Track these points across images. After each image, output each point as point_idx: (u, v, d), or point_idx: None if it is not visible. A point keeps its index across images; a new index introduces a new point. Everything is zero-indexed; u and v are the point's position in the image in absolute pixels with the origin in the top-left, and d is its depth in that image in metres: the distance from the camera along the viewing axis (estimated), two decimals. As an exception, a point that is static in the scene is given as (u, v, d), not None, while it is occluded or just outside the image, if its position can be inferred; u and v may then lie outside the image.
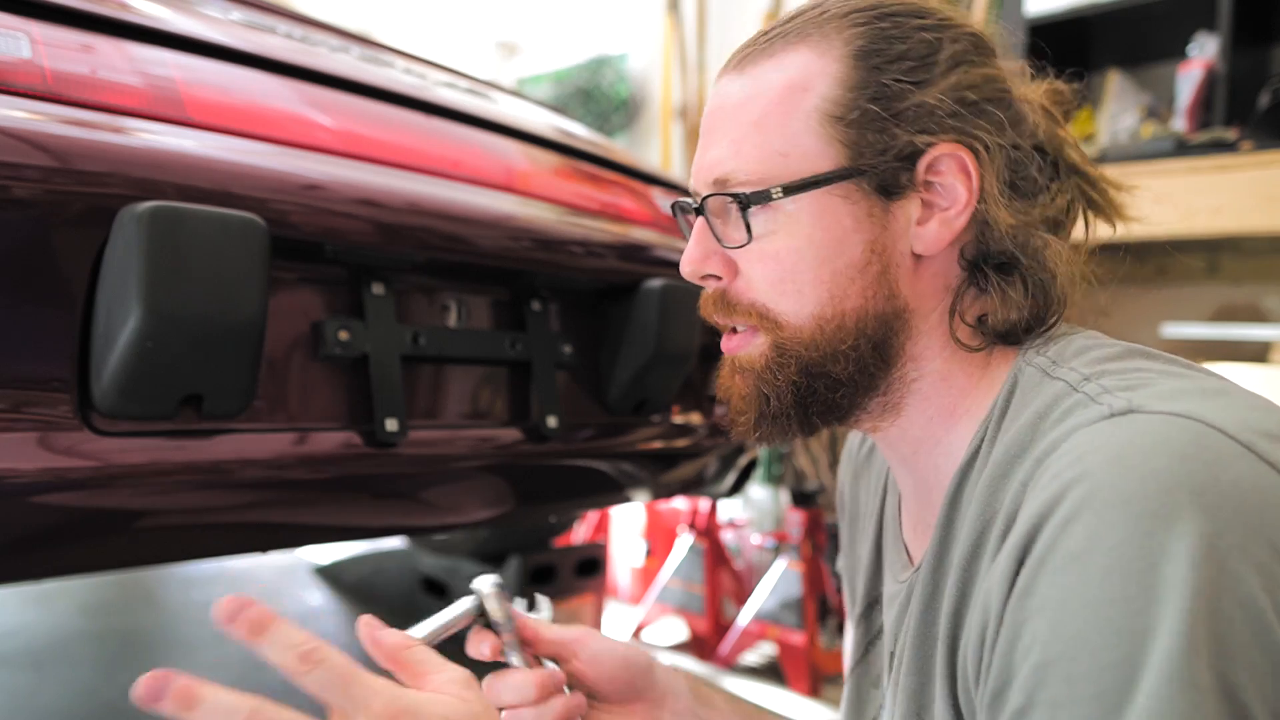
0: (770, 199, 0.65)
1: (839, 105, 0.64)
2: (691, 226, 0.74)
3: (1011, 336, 0.66)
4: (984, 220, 0.65)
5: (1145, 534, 0.47)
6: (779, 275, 0.66)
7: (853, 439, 0.95)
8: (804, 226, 0.65)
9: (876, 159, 0.64)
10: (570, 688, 0.71)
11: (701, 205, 0.68)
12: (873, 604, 0.82)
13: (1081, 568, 0.48)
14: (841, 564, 0.97)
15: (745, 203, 0.65)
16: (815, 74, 0.65)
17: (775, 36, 0.67)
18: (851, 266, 0.65)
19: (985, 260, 0.67)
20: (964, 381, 0.67)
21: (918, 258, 0.66)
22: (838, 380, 0.67)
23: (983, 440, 0.64)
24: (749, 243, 0.66)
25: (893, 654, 0.71)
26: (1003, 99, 0.66)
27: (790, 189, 0.65)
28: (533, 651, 0.71)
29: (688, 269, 0.70)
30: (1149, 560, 0.47)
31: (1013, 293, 0.65)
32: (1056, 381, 0.61)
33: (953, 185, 0.64)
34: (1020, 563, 0.52)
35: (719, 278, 0.69)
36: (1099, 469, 0.50)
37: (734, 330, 0.70)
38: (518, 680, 0.67)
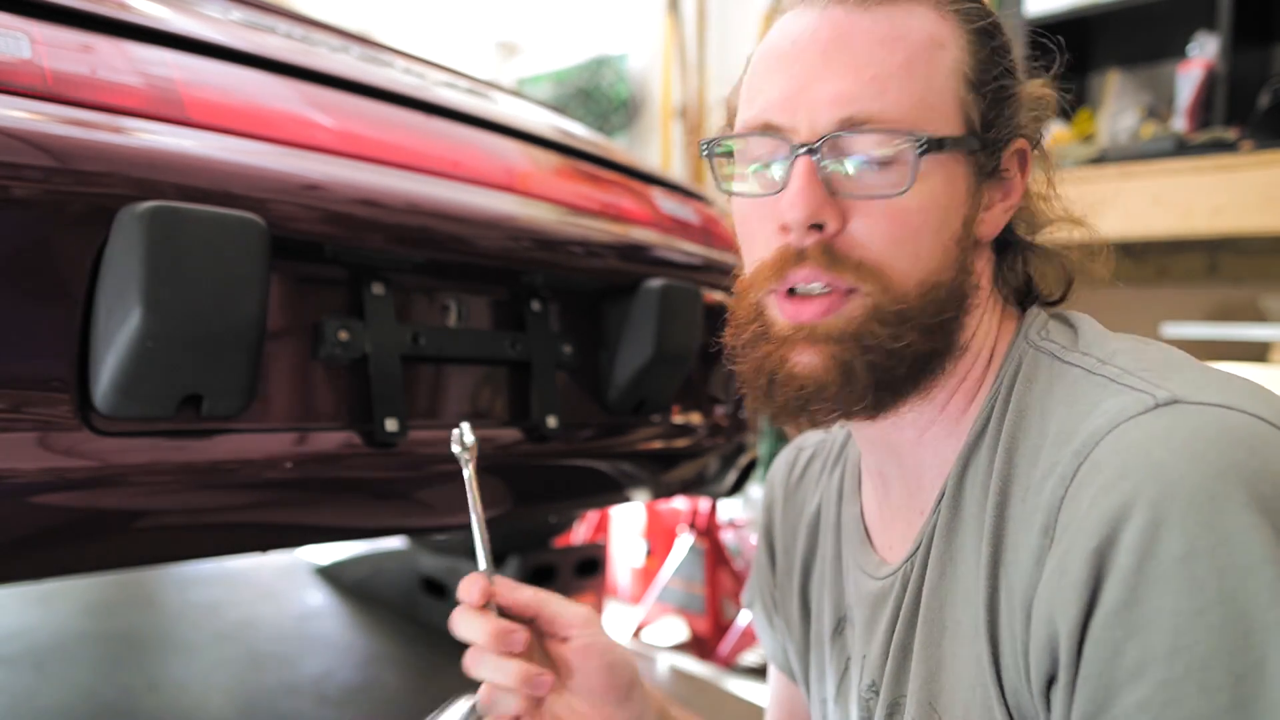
0: (944, 148, 0.60)
1: (975, 72, 0.63)
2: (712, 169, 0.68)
3: (1028, 300, 0.70)
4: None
5: (1246, 528, 0.47)
6: (902, 233, 0.61)
7: (778, 472, 0.93)
8: (933, 186, 0.61)
9: (992, 136, 0.64)
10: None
11: (819, 145, 0.60)
12: (841, 619, 0.79)
13: (1188, 573, 0.47)
14: (761, 598, 0.94)
15: (925, 148, 0.59)
16: (948, 34, 0.63)
17: None
18: (954, 238, 0.63)
19: (1014, 245, 0.70)
20: (983, 363, 0.68)
21: (977, 241, 0.67)
22: (932, 352, 0.63)
23: (988, 421, 0.64)
24: (907, 189, 0.60)
25: (888, 650, 0.69)
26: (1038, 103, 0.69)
27: (960, 143, 0.61)
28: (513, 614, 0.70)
29: (801, 214, 0.60)
30: (1256, 555, 0.46)
31: (1048, 269, 0.70)
32: (1071, 367, 0.61)
33: (1014, 178, 0.67)
34: (1099, 571, 0.50)
35: (821, 228, 0.61)
36: (1170, 466, 0.49)
37: (791, 293, 0.63)
38: (479, 622, 0.67)
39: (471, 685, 0.70)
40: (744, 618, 2.36)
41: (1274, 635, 0.45)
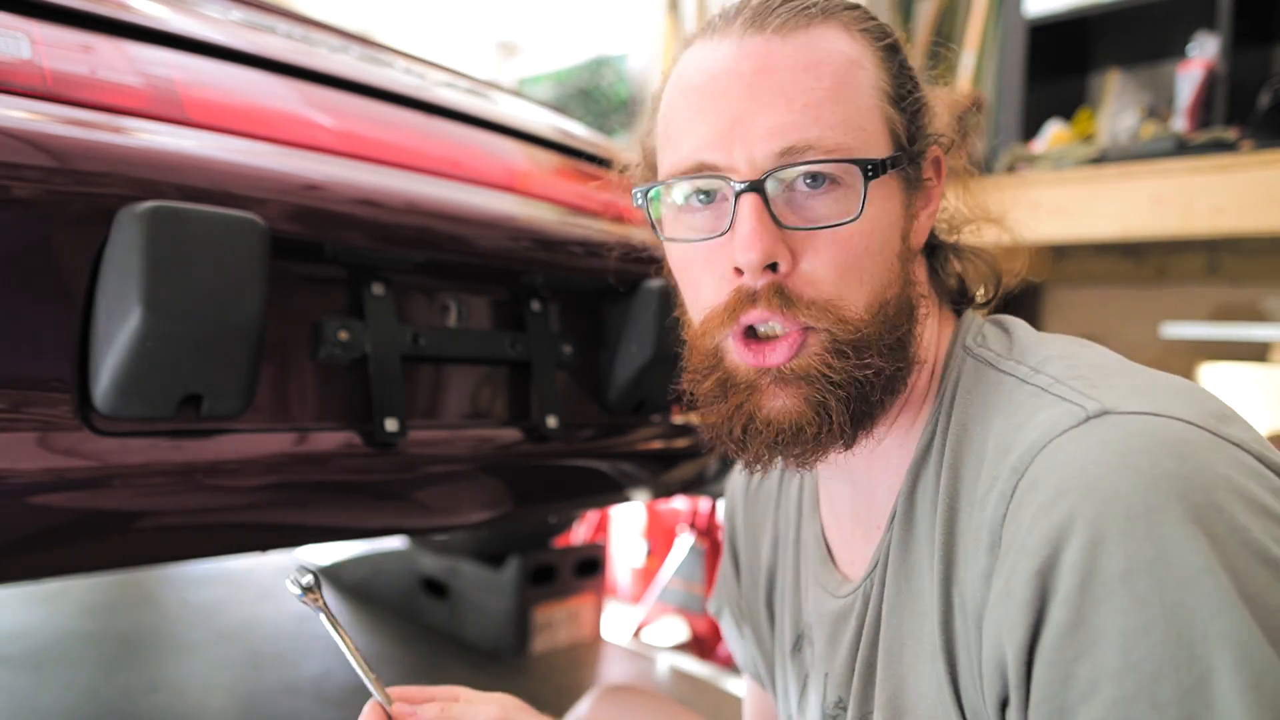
0: (885, 170, 0.60)
1: (892, 87, 0.63)
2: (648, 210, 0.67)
3: (962, 302, 0.71)
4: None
5: (1184, 538, 0.47)
6: (849, 261, 0.60)
7: (737, 482, 0.93)
8: (875, 209, 0.61)
9: (913, 148, 0.64)
10: None
11: (763, 180, 0.59)
12: (800, 637, 0.79)
13: (1131, 590, 0.47)
14: (729, 607, 0.94)
15: (873, 173, 0.59)
16: (860, 53, 0.62)
17: (799, 10, 0.62)
18: (894, 254, 0.63)
19: (938, 245, 0.72)
20: (926, 371, 0.68)
21: (912, 251, 0.67)
22: (896, 372, 0.63)
23: (934, 434, 0.64)
24: (859, 216, 0.59)
25: (853, 667, 0.69)
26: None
27: (895, 162, 0.61)
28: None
29: (757, 255, 0.58)
30: (1195, 565, 0.46)
31: (971, 266, 0.71)
32: (1005, 376, 0.61)
33: (933, 183, 0.68)
34: (1043, 592, 0.49)
35: (775, 268, 0.60)
36: (1105, 481, 0.49)
37: (752, 337, 0.62)
38: None
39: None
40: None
41: (1217, 646, 0.45)
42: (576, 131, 1.52)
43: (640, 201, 0.67)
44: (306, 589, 0.67)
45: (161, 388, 0.80)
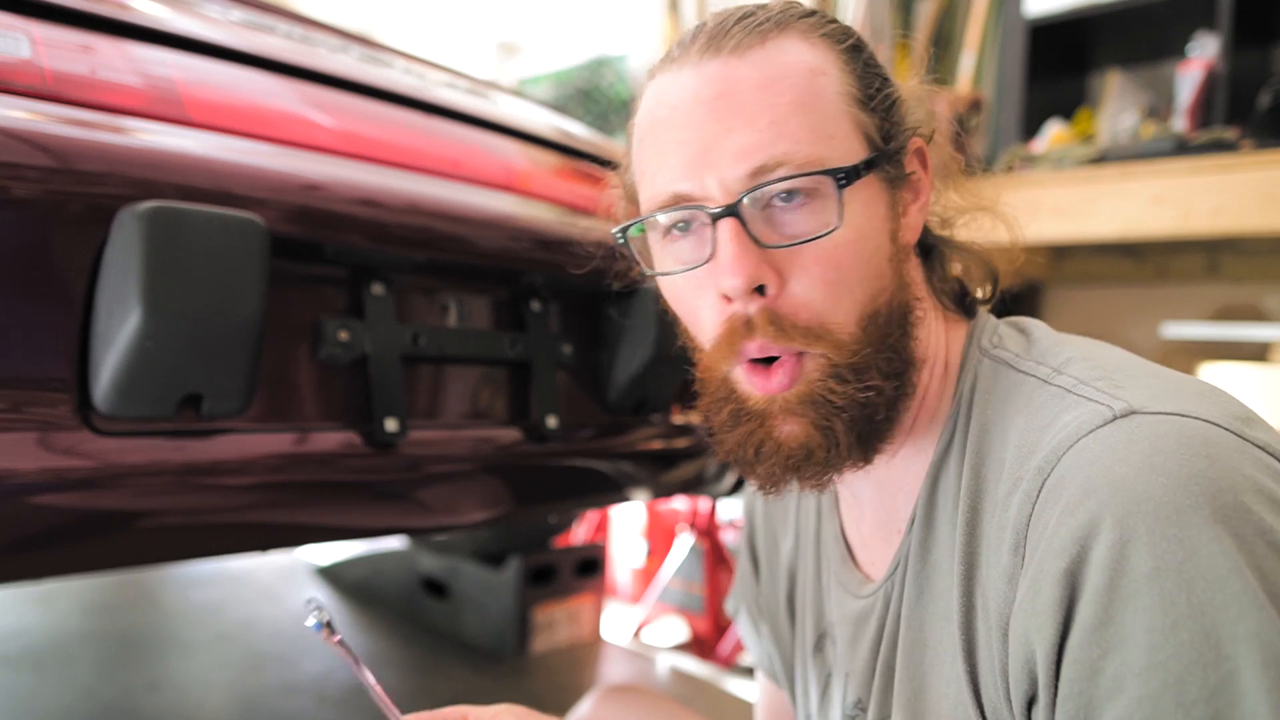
0: (860, 175, 0.59)
1: (857, 89, 0.62)
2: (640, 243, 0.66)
3: (966, 301, 0.70)
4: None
5: (1211, 539, 0.47)
6: (836, 275, 0.60)
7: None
8: (855, 216, 0.60)
9: (890, 146, 0.63)
10: None
11: (738, 204, 0.58)
12: (822, 636, 0.79)
13: (1159, 589, 0.47)
14: (746, 605, 0.94)
15: (844, 180, 0.58)
16: (822, 59, 0.61)
17: (753, 26, 0.61)
18: (882, 258, 0.63)
19: (934, 243, 0.71)
20: (939, 374, 0.67)
21: (903, 250, 0.66)
22: (899, 387, 0.63)
23: (953, 435, 0.64)
24: (838, 227, 0.59)
25: (873, 668, 0.69)
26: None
27: (870, 165, 0.60)
28: None
29: (742, 280, 0.58)
30: (1223, 566, 0.46)
31: (966, 263, 0.70)
32: (1026, 377, 0.61)
33: (919, 176, 0.67)
34: (1072, 590, 0.50)
35: (763, 290, 0.59)
36: (1133, 481, 0.49)
37: (756, 363, 0.62)
38: None
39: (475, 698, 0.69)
40: (744, 618, 2.36)
41: (1244, 646, 0.45)
42: (576, 131, 1.52)
43: (623, 240, 0.68)
44: (325, 624, 0.69)
45: (161, 387, 0.80)
